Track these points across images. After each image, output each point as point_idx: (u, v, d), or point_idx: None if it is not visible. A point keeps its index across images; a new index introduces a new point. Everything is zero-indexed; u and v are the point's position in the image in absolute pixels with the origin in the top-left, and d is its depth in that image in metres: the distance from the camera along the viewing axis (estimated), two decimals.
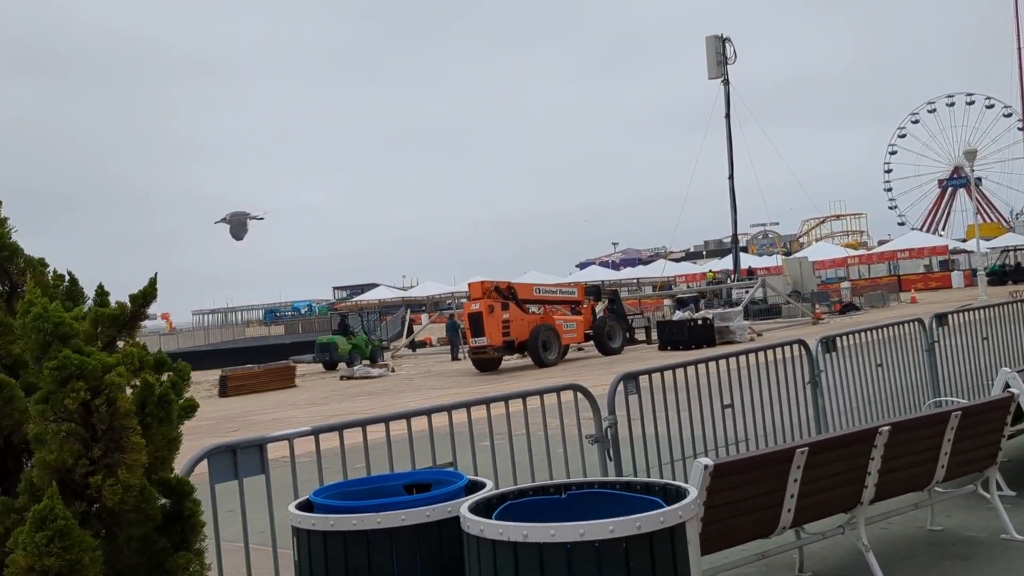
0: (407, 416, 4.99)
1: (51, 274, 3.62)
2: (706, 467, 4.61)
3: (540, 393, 5.50)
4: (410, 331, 51.54)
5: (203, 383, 35.33)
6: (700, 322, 30.45)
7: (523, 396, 5.47)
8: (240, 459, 4.13)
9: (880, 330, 8.78)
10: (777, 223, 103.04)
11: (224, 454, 4.12)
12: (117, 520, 2.98)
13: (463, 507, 3.36)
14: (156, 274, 3.45)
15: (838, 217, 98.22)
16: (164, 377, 3.44)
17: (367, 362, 36.44)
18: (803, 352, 7.69)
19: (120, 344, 3.45)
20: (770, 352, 7.46)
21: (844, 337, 8.67)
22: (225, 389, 29.96)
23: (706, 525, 4.63)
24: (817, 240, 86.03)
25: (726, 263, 64.37)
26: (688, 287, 58.72)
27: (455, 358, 36.36)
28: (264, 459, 4.25)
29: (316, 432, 4.64)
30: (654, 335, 33.06)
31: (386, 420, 5.03)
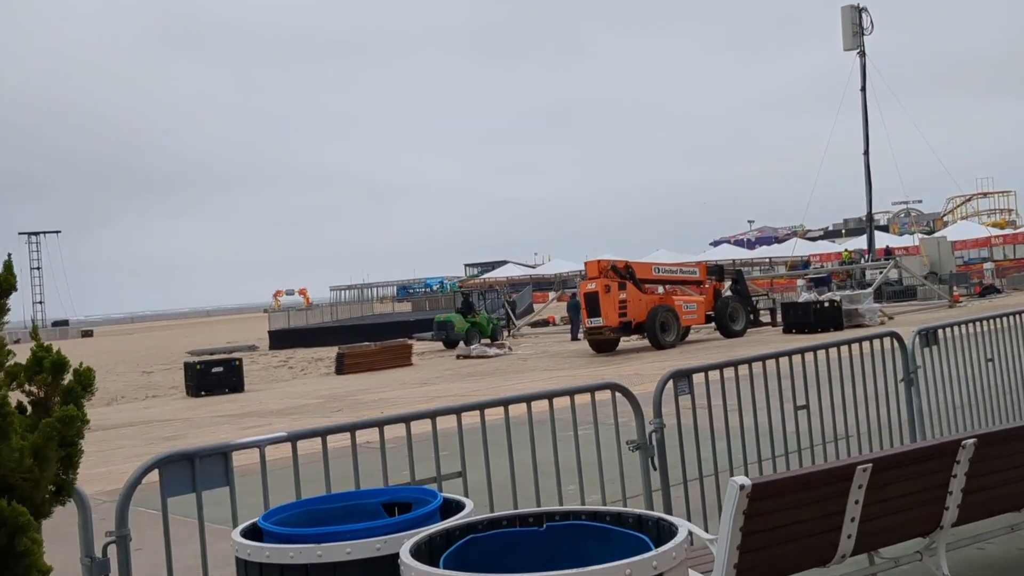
0: (406, 419, 4.52)
1: None
2: (742, 488, 4.00)
3: (570, 393, 4.95)
4: (530, 310, 51.32)
5: (325, 359, 36.05)
6: (827, 304, 29.00)
7: (549, 396, 4.94)
8: (200, 469, 3.73)
9: (995, 320, 7.83)
10: (920, 201, 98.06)
11: (179, 463, 3.72)
12: None
13: (404, 548, 2.85)
14: (10, 256, 3.02)
15: (985, 195, 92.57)
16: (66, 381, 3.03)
17: (487, 341, 36.35)
18: (895, 346, 6.84)
19: None
20: (855, 346, 6.66)
21: (952, 328, 7.77)
22: (342, 367, 30.31)
23: (743, 554, 4.03)
24: (963, 219, 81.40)
25: (864, 242, 61.59)
26: (822, 267, 56.39)
27: (575, 338, 35.79)
28: (229, 469, 3.84)
29: (293, 439, 4.21)
30: (780, 317, 31.76)
31: (380, 424, 4.55)
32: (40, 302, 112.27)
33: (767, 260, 64.31)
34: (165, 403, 26.15)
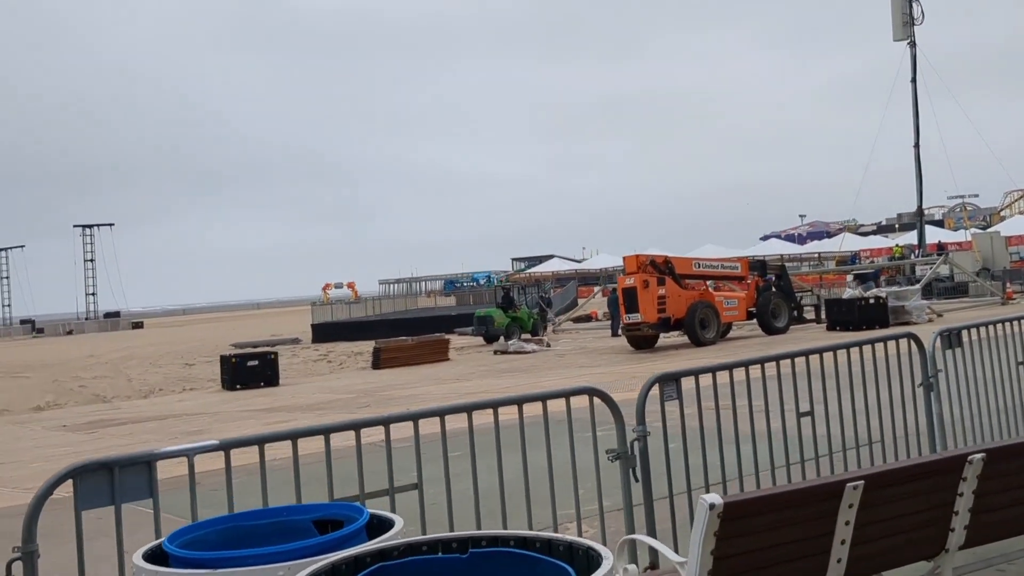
0: (356, 427, 4.20)
1: None
2: (712, 507, 3.63)
3: (543, 398, 4.60)
4: (575, 305, 50.87)
5: (364, 354, 35.98)
6: (872, 301, 28.22)
7: (518, 403, 4.58)
8: (120, 479, 3.44)
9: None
10: (976, 195, 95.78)
11: (97, 473, 3.44)
12: None
13: None
14: None
15: None
16: None
17: (526, 336, 36.05)
18: (911, 348, 6.36)
19: None
20: (868, 348, 6.20)
21: (981, 328, 7.27)
22: (378, 361, 30.20)
23: None
24: (1020, 213, 79.25)
25: (916, 237, 60.26)
26: (872, 262, 55.23)
27: (615, 334, 35.27)
28: (153, 480, 3.55)
29: (225, 447, 3.92)
30: (824, 314, 31.00)
31: (325, 432, 4.22)
32: (93, 294, 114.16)
33: (816, 255, 63.11)
34: (200, 396, 26.22)
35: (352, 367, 32.96)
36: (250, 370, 26.44)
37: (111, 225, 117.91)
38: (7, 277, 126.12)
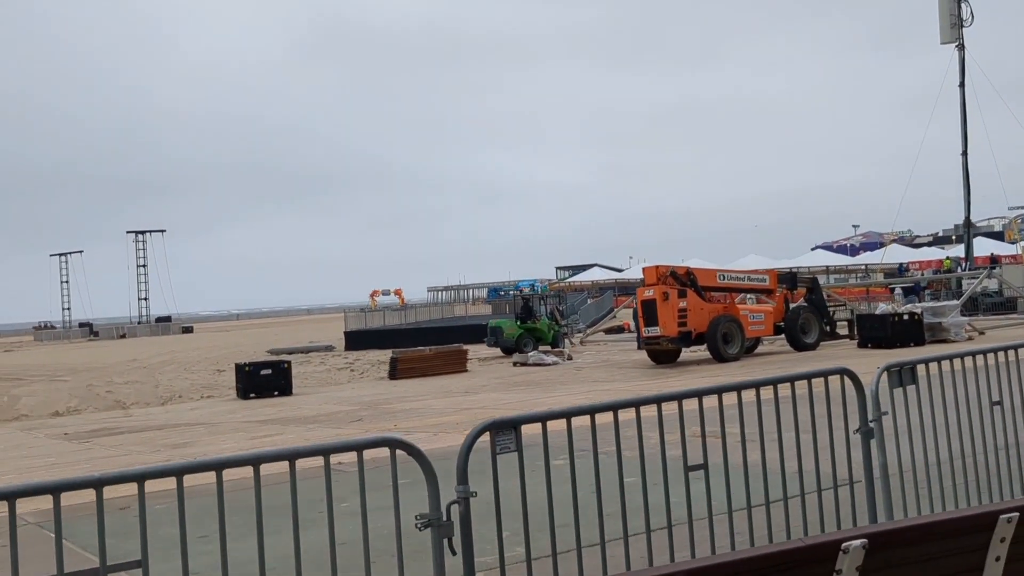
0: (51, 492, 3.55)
1: None
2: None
3: (325, 452, 3.94)
4: (610, 314, 49.93)
5: (386, 363, 35.57)
6: (906, 317, 26.99)
7: (290, 458, 3.91)
8: None
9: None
10: None
11: None
12: None
13: None
14: None
15: None
16: None
17: (547, 348, 35.32)
18: (845, 385, 5.62)
19: None
20: (784, 387, 5.44)
21: (950, 361, 6.49)
22: (395, 371, 29.76)
23: None
24: None
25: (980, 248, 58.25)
26: (920, 274, 53.49)
27: (640, 347, 34.41)
28: None
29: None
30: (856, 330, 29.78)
31: (139, 479, 3.68)
32: (145, 299, 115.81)
33: (863, 267, 61.35)
34: (213, 405, 26.00)
35: (373, 376, 32.57)
36: (263, 379, 26.17)
37: (163, 231, 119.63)
38: (67, 281, 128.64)
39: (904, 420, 6.17)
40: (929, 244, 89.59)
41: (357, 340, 49.02)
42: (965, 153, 41.07)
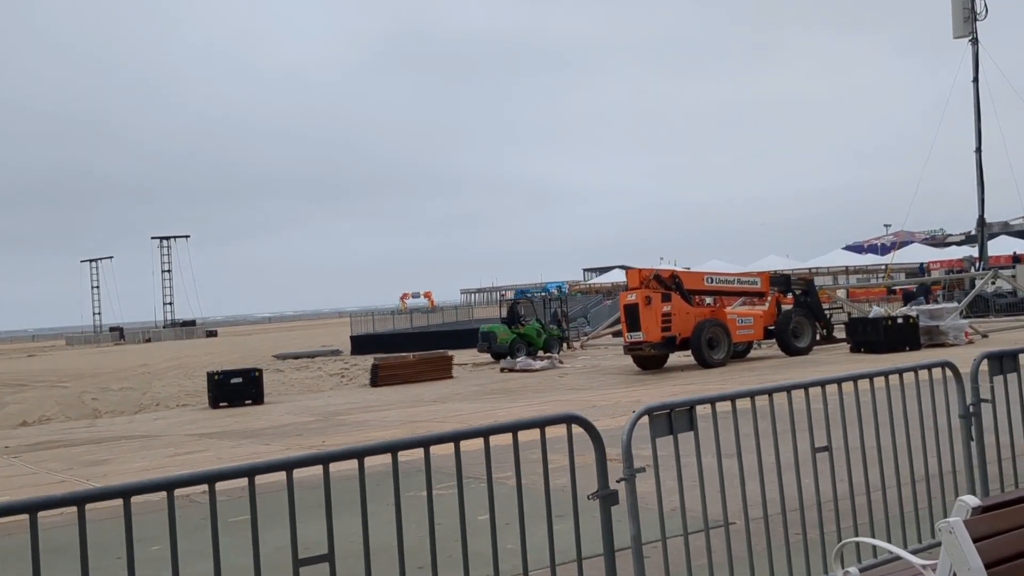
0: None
1: None
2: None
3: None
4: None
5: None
6: (900, 321, 25.80)
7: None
8: None
9: None
10: None
11: None
12: None
13: None
14: None
15: None
16: None
17: (543, 353, 34.51)
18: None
19: None
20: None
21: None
22: (376, 379, 29.10)
23: None
24: None
25: (1000, 247, 56.59)
26: (927, 276, 51.84)
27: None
28: None
29: None
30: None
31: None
32: (170, 303, 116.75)
33: (882, 267, 59.70)
34: (181, 414, 25.51)
35: (359, 383, 31.93)
36: (234, 388, 25.64)
37: (187, 237, 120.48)
38: (97, 287, 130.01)
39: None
40: (959, 243, 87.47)
41: (363, 345, 48.47)
42: (979, 150, 39.64)
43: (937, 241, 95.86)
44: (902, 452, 5.15)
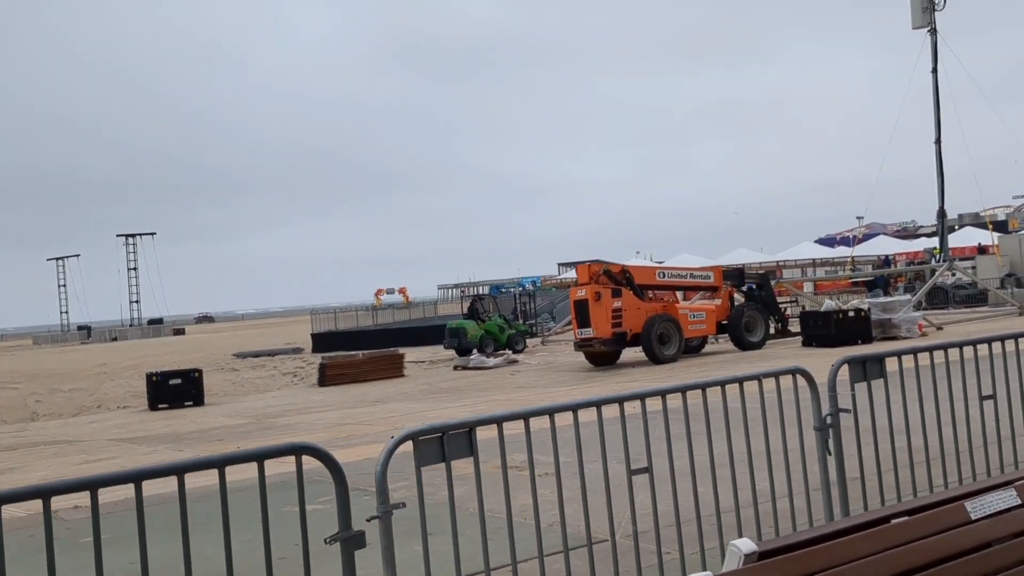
0: None
1: None
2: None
3: None
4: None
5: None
6: (852, 314, 25.41)
7: None
8: None
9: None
10: None
11: None
12: None
13: None
14: None
15: None
16: None
17: (504, 350, 33.91)
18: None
19: None
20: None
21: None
22: (324, 379, 28.43)
23: None
24: None
25: (959, 239, 56.49)
26: (901, 266, 51.68)
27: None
28: None
29: None
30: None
31: None
32: (136, 301, 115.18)
33: (848, 259, 59.56)
34: (119, 416, 24.81)
35: (308, 383, 31.24)
36: (173, 389, 24.93)
37: (153, 234, 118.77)
38: (64, 285, 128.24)
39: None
40: (929, 235, 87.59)
41: (325, 342, 47.69)
42: (939, 141, 39.23)
43: (908, 233, 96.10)
44: (741, 469, 4.61)
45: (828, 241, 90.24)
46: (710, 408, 4.76)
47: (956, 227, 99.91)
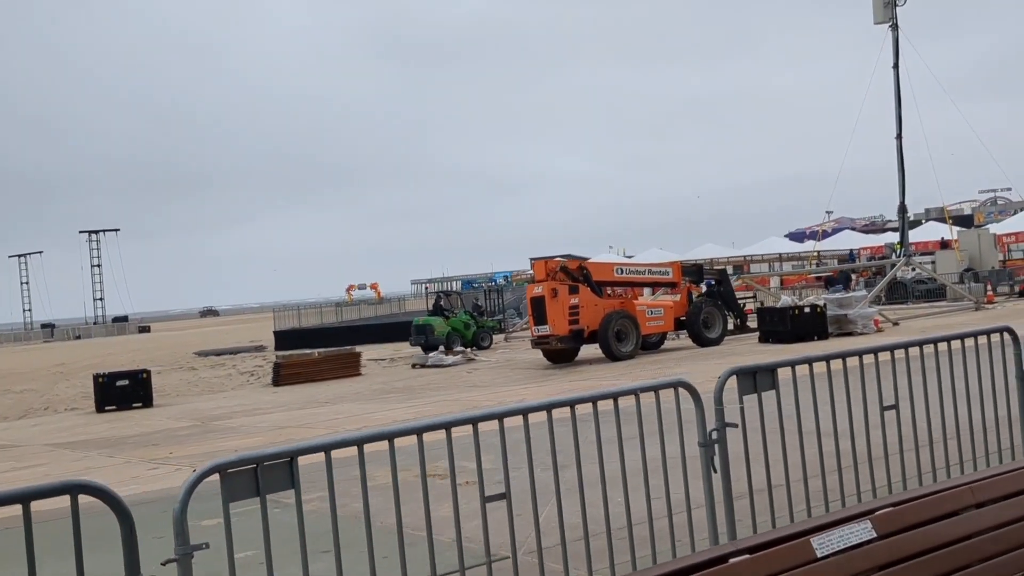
0: None
1: None
2: None
3: None
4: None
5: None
6: (808, 310, 25.29)
7: None
8: None
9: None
10: (1009, 189, 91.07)
11: None
12: None
13: None
14: None
15: None
16: None
17: (466, 348, 33.56)
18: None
19: None
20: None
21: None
22: (278, 378, 27.98)
23: None
24: None
25: (931, 232, 56.67)
26: (864, 261, 51.84)
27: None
28: None
29: None
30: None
31: None
32: (100, 299, 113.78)
33: (814, 253, 59.65)
34: (64, 419, 24.23)
35: (263, 383, 30.76)
36: (120, 391, 24.41)
37: (116, 231, 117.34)
38: (27, 283, 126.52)
39: None
40: (895, 230, 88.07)
41: (287, 340, 47.11)
42: (899, 136, 39.26)
43: (876, 227, 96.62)
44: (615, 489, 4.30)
45: (798, 236, 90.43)
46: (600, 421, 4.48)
47: (923, 221, 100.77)
